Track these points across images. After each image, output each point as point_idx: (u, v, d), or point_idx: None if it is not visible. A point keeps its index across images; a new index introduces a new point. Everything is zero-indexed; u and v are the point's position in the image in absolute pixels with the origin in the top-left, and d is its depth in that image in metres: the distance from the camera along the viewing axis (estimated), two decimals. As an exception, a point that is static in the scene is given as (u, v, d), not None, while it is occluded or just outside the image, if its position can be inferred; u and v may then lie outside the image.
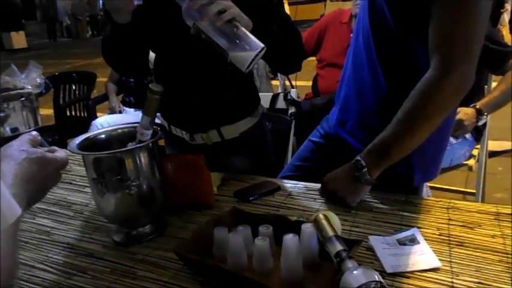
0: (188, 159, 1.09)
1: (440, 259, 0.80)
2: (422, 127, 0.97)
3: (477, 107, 1.88)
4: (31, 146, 0.65)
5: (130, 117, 2.97)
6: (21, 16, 15.81)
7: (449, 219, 0.94)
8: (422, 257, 0.81)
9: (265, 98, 2.21)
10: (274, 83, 3.23)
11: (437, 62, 0.94)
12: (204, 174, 1.06)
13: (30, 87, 1.57)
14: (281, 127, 1.91)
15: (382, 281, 0.65)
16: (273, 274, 0.78)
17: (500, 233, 0.88)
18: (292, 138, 2.07)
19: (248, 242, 0.81)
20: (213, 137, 1.25)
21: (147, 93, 0.92)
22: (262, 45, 0.88)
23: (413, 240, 0.86)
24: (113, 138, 0.99)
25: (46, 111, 3.09)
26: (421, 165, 1.12)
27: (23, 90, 1.53)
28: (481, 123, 1.94)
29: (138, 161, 0.90)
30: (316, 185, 1.12)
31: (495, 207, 0.98)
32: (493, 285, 0.73)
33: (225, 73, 1.16)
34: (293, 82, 2.57)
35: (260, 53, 0.88)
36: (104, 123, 2.80)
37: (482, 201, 2.20)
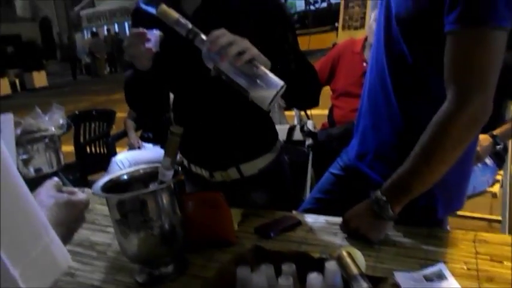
0: (208, 196, 1.10)
1: (469, 295, 0.78)
2: (440, 160, 0.96)
3: (493, 133, 1.86)
4: (57, 191, 0.67)
5: (149, 152, 3.02)
6: (42, 56, 16.44)
7: (477, 253, 0.92)
8: (451, 294, 0.79)
9: (282, 130, 2.22)
10: (289, 113, 3.26)
11: (453, 93, 0.93)
12: (224, 211, 1.07)
13: (53, 129, 1.62)
14: (298, 159, 1.91)
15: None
16: (298, 314, 0.76)
17: (530, 266, 0.86)
18: (310, 170, 2.06)
19: (272, 281, 0.81)
20: (232, 175, 1.26)
21: (167, 135, 0.94)
22: (282, 83, 0.90)
23: (440, 276, 0.84)
24: (135, 178, 1.00)
25: (66, 148, 3.16)
26: (444, 197, 1.10)
27: (47, 132, 1.58)
28: (497, 149, 1.90)
29: (160, 202, 0.92)
30: (338, 219, 1.11)
31: (524, 238, 0.95)
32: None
33: (243, 112, 1.19)
34: (308, 112, 2.58)
35: (281, 90, 0.90)
36: (124, 159, 2.85)
37: (510, 228, 2.14)
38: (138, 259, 0.97)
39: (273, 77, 0.90)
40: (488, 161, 2.08)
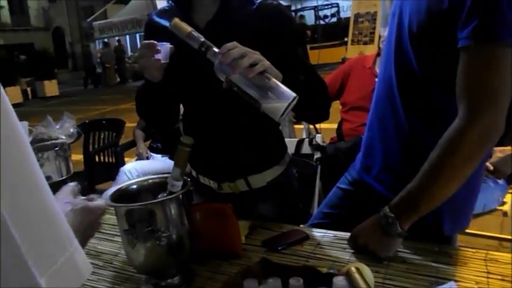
0: (216, 207, 1.09)
1: (481, 316, 0.76)
2: (450, 177, 0.94)
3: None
4: (73, 197, 0.68)
5: (157, 163, 3.02)
6: (54, 65, 16.67)
7: (488, 272, 0.90)
8: (461, 313, 0.77)
9: (291, 143, 2.22)
10: (298, 127, 3.26)
11: (464, 108, 0.92)
12: (232, 223, 1.06)
13: (64, 137, 1.63)
14: (307, 172, 1.90)
15: None
16: (305, 330, 0.75)
17: (543, 286, 0.84)
18: (318, 184, 2.05)
19: (279, 295, 0.80)
20: (240, 186, 1.26)
21: (176, 145, 0.94)
22: (294, 95, 0.90)
23: (451, 295, 0.82)
24: (143, 189, 1.01)
25: (75, 157, 3.18)
26: (450, 213, 1.08)
27: (57, 141, 1.59)
28: None
29: (168, 212, 0.92)
30: (346, 234, 1.10)
31: (536, 258, 0.94)
32: None
33: (253, 124, 1.19)
34: (317, 126, 2.58)
35: (292, 102, 0.90)
36: (132, 169, 2.85)
37: (520, 247, 2.11)
38: (145, 269, 0.97)
39: (285, 88, 0.91)
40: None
